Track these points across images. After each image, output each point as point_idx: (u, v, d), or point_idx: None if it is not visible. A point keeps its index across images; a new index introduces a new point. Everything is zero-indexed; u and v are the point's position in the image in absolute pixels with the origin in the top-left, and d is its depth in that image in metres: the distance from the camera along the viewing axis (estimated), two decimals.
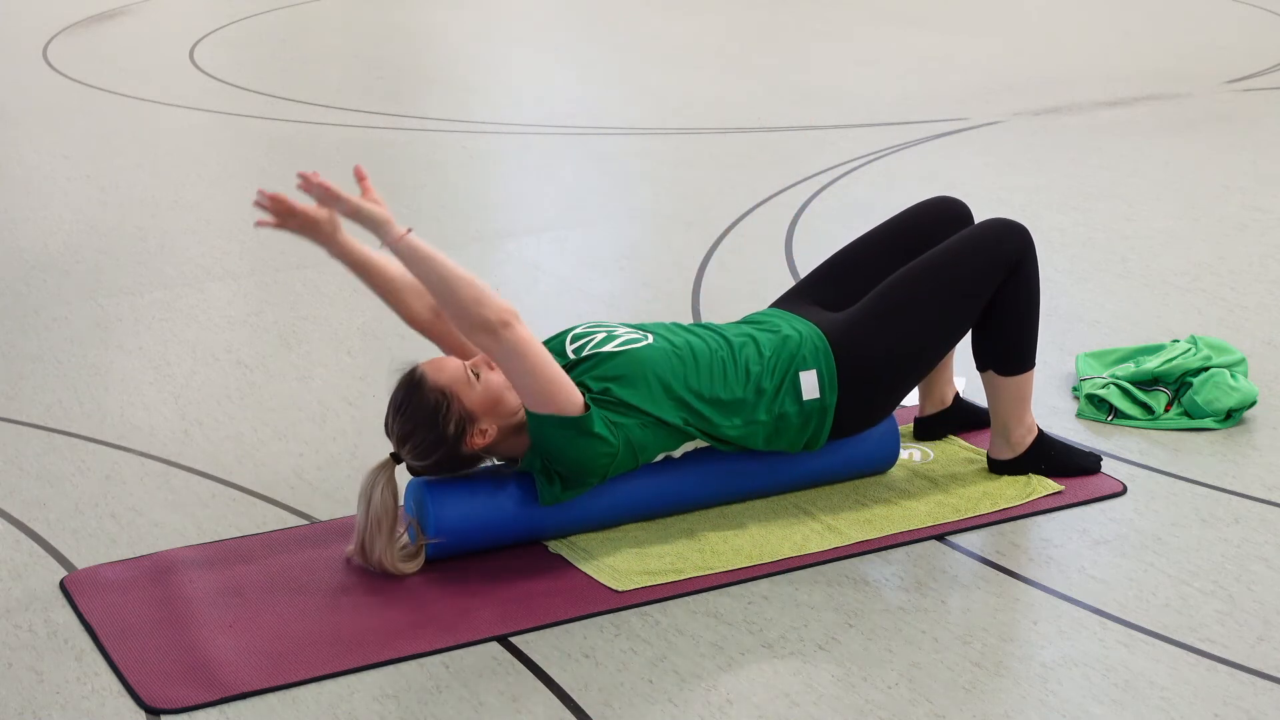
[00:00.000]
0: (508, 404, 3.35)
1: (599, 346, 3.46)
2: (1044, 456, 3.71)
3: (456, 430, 3.30)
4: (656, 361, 3.41)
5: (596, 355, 3.44)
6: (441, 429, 3.30)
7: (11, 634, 3.17)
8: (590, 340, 3.49)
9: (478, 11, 10.38)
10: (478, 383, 3.33)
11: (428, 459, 3.33)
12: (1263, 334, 4.58)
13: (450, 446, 3.31)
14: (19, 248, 5.65)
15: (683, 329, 3.54)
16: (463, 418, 3.31)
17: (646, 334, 3.49)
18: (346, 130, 7.19)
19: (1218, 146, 6.62)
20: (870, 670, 3.01)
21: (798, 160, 6.50)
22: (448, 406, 3.30)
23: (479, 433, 3.32)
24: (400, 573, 3.32)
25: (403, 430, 3.32)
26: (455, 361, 3.37)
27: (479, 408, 3.32)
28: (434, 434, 3.30)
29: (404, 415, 3.32)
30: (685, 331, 3.53)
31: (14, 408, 4.26)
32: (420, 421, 3.30)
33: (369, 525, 3.31)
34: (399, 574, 3.32)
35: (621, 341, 3.46)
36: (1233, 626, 3.13)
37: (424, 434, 3.30)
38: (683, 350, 3.45)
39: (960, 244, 3.61)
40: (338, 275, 5.26)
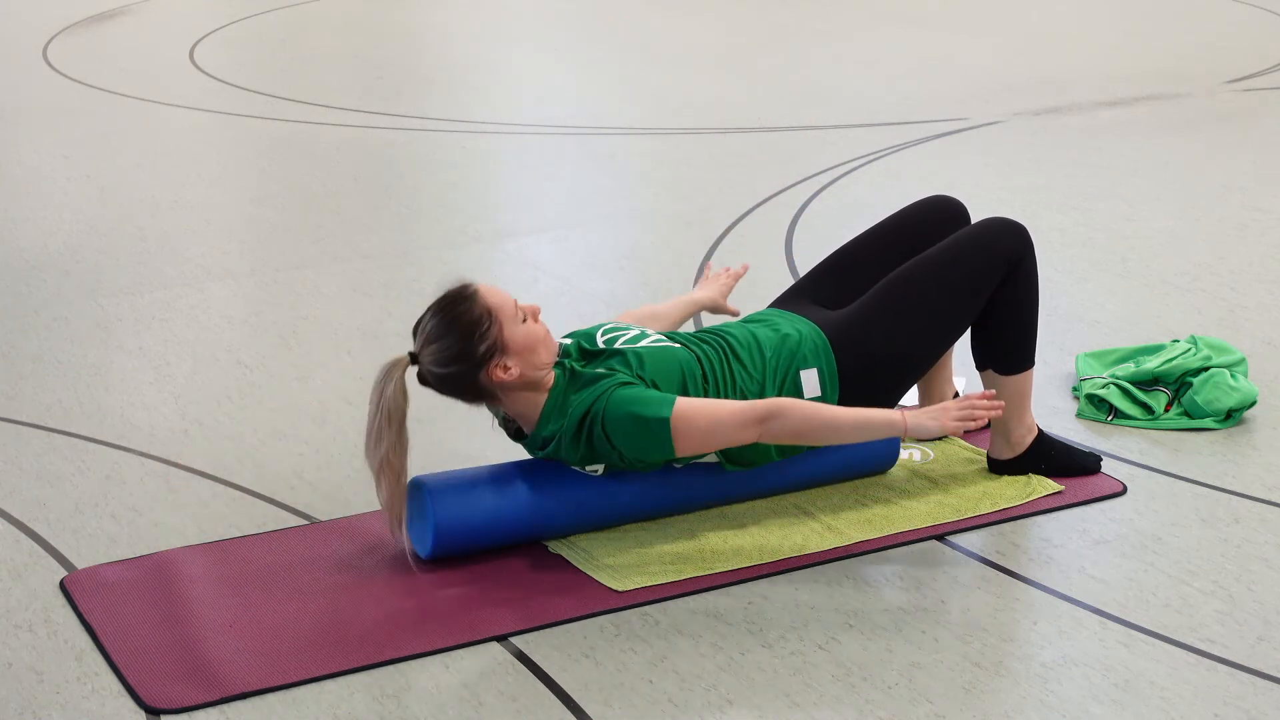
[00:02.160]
0: (539, 356, 3.34)
1: (632, 342, 3.47)
2: (1044, 456, 3.71)
3: (485, 353, 3.28)
4: (685, 364, 3.43)
5: (629, 348, 3.44)
6: (473, 345, 3.28)
7: (11, 634, 3.17)
8: (624, 334, 3.50)
9: (478, 11, 10.38)
10: (522, 323, 3.33)
11: (444, 369, 3.30)
12: (1263, 334, 4.58)
13: (472, 366, 3.29)
14: (19, 248, 5.65)
15: (695, 338, 3.55)
16: (495, 345, 3.29)
17: (674, 342, 3.50)
18: (346, 130, 7.19)
19: (1218, 146, 6.62)
20: (870, 670, 3.01)
21: (798, 160, 6.50)
22: (487, 327, 3.28)
23: (503, 367, 3.30)
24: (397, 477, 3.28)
25: (436, 331, 3.29)
26: (509, 295, 3.37)
27: (514, 344, 3.31)
28: (463, 346, 3.28)
29: (442, 318, 3.30)
30: (698, 341, 3.53)
31: (14, 408, 4.26)
32: (456, 329, 3.28)
33: (379, 417, 3.27)
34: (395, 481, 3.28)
35: (653, 340, 3.48)
36: (1233, 626, 3.13)
37: (454, 342, 3.28)
38: (703, 359, 3.46)
39: (960, 243, 3.62)
40: (338, 275, 5.27)
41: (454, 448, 3.85)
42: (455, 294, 3.33)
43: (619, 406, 3.29)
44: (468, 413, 3.49)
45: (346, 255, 5.51)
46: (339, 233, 5.75)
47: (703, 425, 3.30)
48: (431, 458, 3.76)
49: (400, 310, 4.91)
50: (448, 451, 3.84)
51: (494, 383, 3.32)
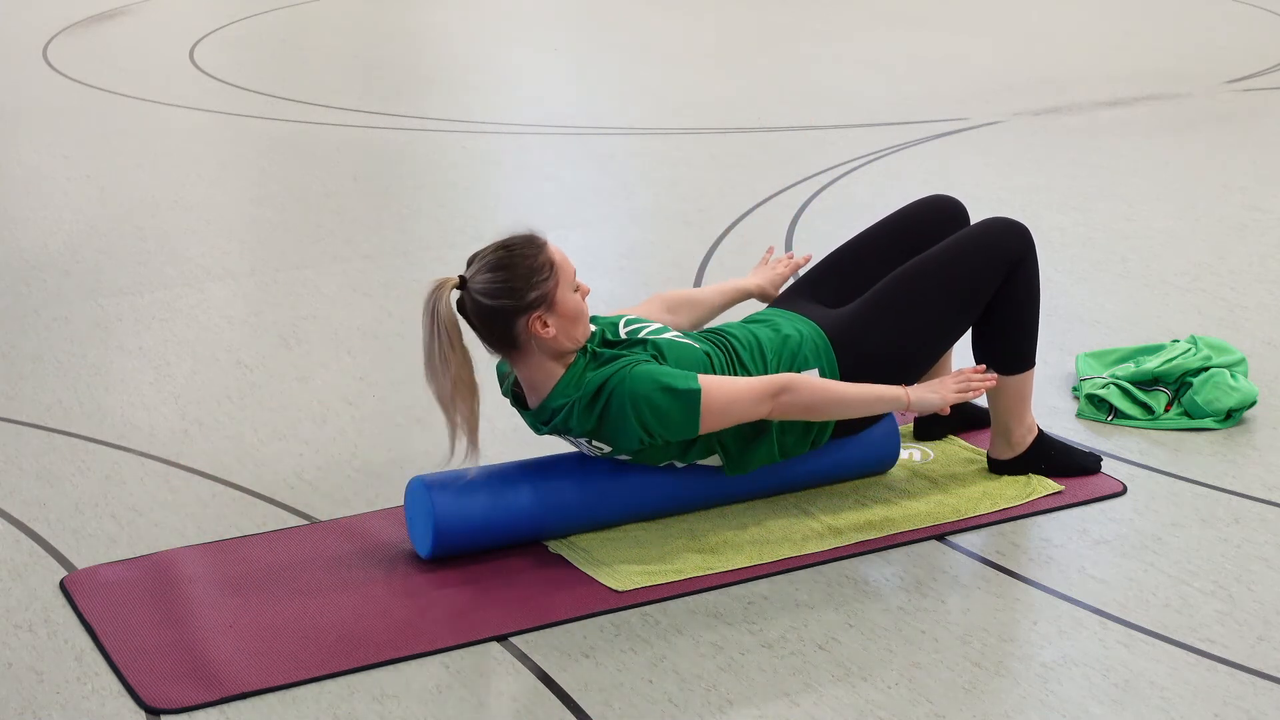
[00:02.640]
0: (577, 330, 3.36)
1: (655, 334, 3.47)
2: (1044, 456, 3.71)
3: (533, 301, 3.29)
4: (701, 363, 3.43)
5: (650, 339, 3.45)
6: (527, 287, 3.29)
7: (11, 634, 3.17)
8: (645, 327, 3.50)
9: (478, 11, 10.38)
10: (574, 292, 3.35)
11: (491, 300, 3.29)
12: (1263, 334, 4.58)
13: (517, 307, 3.29)
14: (19, 248, 5.65)
15: (701, 337, 3.55)
16: (545, 297, 3.30)
17: (693, 341, 3.51)
18: (346, 130, 7.19)
19: (1218, 146, 6.62)
20: (870, 670, 3.01)
21: (798, 160, 6.50)
22: (546, 278, 3.30)
23: (543, 322, 3.31)
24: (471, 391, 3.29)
25: (495, 262, 3.30)
26: (571, 263, 3.39)
27: (562, 307, 3.32)
28: (519, 285, 3.29)
29: (509, 252, 3.31)
30: (704, 340, 3.53)
31: (14, 408, 4.26)
32: (517, 267, 3.29)
33: (439, 336, 3.26)
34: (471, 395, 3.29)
35: (674, 335, 3.48)
36: (1233, 626, 3.13)
37: (510, 277, 3.29)
38: (714, 359, 3.47)
39: (961, 242, 3.62)
40: (338, 275, 5.27)
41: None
42: (525, 237, 3.35)
43: (645, 379, 3.30)
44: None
45: (346, 255, 5.51)
46: (339, 233, 5.75)
47: (723, 399, 3.32)
48: (431, 458, 3.76)
49: (400, 310, 4.91)
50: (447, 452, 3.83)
51: (529, 334, 3.32)
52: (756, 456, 3.49)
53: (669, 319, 3.72)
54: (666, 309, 3.75)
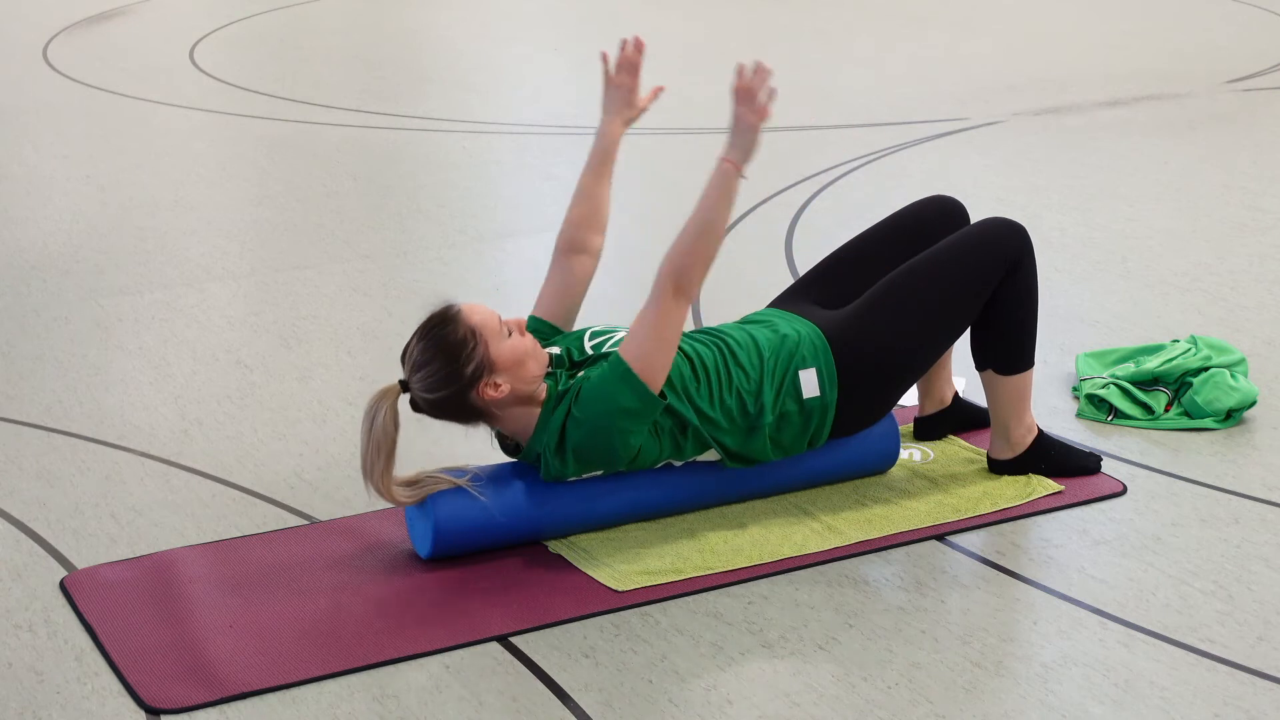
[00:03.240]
0: (528, 370, 3.34)
1: (618, 345, 3.46)
2: (1044, 456, 3.71)
3: (473, 373, 3.28)
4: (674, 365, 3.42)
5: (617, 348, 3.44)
6: (460, 366, 3.27)
7: (11, 634, 3.17)
8: (609, 339, 3.50)
9: (478, 11, 10.38)
10: (507, 338, 3.32)
11: (435, 393, 3.30)
12: (1263, 334, 4.58)
13: (461, 387, 3.29)
14: (19, 248, 5.65)
15: (687, 336, 3.55)
16: (483, 364, 3.29)
17: None
18: (346, 130, 7.19)
19: (1218, 146, 6.62)
20: (870, 670, 3.01)
21: (798, 160, 6.49)
22: (473, 347, 3.28)
23: (493, 384, 3.30)
24: (395, 500, 3.30)
25: (422, 357, 3.30)
26: (492, 311, 3.36)
27: (501, 361, 3.30)
28: (451, 369, 3.28)
29: (428, 342, 3.30)
30: (689, 339, 3.53)
31: (14, 408, 4.26)
32: (442, 352, 3.28)
33: (370, 448, 3.28)
34: (394, 501, 3.31)
35: None
36: (1233, 626, 3.13)
37: (441, 366, 3.28)
38: (693, 357, 3.46)
39: (959, 242, 3.61)
40: (338, 275, 5.27)
41: (453, 449, 3.85)
42: (438, 317, 3.32)
43: (589, 403, 3.30)
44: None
45: (346, 255, 5.51)
46: (339, 233, 5.75)
47: (649, 345, 3.28)
48: (431, 458, 3.75)
49: (400, 310, 4.91)
50: (447, 452, 3.83)
51: (486, 401, 3.32)
52: (753, 453, 3.49)
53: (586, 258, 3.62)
54: (574, 250, 3.64)
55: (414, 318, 3.52)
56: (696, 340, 3.53)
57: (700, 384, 3.43)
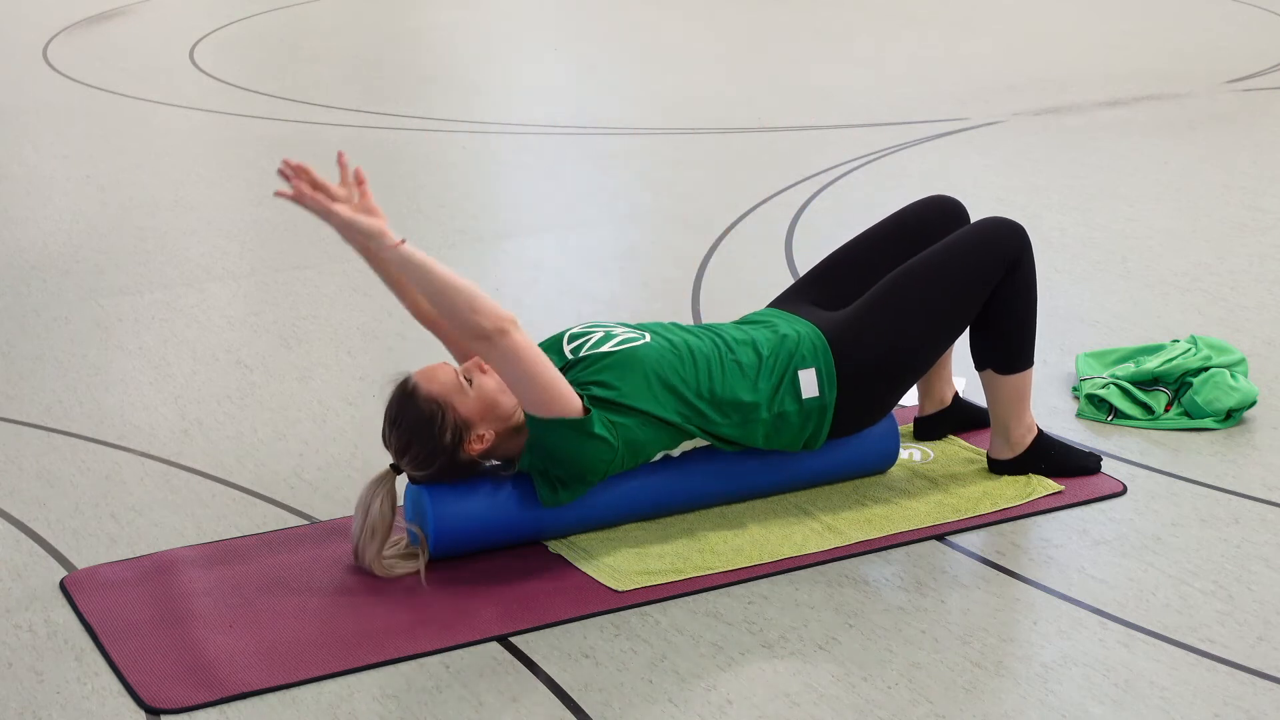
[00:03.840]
0: (504, 407, 3.35)
1: (596, 346, 3.46)
2: (1044, 456, 3.71)
3: (454, 439, 3.30)
4: (654, 359, 3.41)
5: (593, 355, 3.44)
6: (438, 439, 3.30)
7: (11, 634, 3.17)
8: (587, 340, 3.49)
9: (478, 11, 10.38)
10: (471, 389, 3.33)
11: (428, 468, 3.34)
12: (1263, 334, 4.58)
13: (449, 455, 3.32)
14: (19, 248, 5.65)
15: (681, 329, 3.54)
16: (459, 426, 3.30)
17: (644, 333, 3.49)
18: (346, 130, 7.19)
19: (1218, 146, 6.62)
20: (870, 670, 3.00)
21: (798, 160, 6.50)
22: (443, 416, 3.29)
23: (476, 439, 3.32)
24: (392, 574, 3.33)
25: (400, 443, 3.33)
26: (447, 369, 3.36)
27: (474, 414, 3.32)
28: (431, 445, 3.30)
29: (400, 428, 3.32)
30: (683, 331, 3.53)
31: (14, 408, 4.26)
32: (416, 433, 3.30)
33: (364, 533, 3.32)
34: (391, 575, 3.33)
35: (618, 341, 3.46)
36: (1233, 626, 3.13)
37: (421, 445, 3.31)
38: (680, 349, 3.45)
39: (958, 242, 3.61)
40: (338, 275, 5.27)
41: None
42: (398, 397, 3.33)
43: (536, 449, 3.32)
44: None
45: (346, 255, 5.50)
46: None
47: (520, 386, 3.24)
48: None
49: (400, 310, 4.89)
50: None
51: (474, 454, 3.34)
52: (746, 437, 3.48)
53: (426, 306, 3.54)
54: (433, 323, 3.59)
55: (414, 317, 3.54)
56: (691, 334, 3.52)
57: (686, 370, 3.41)
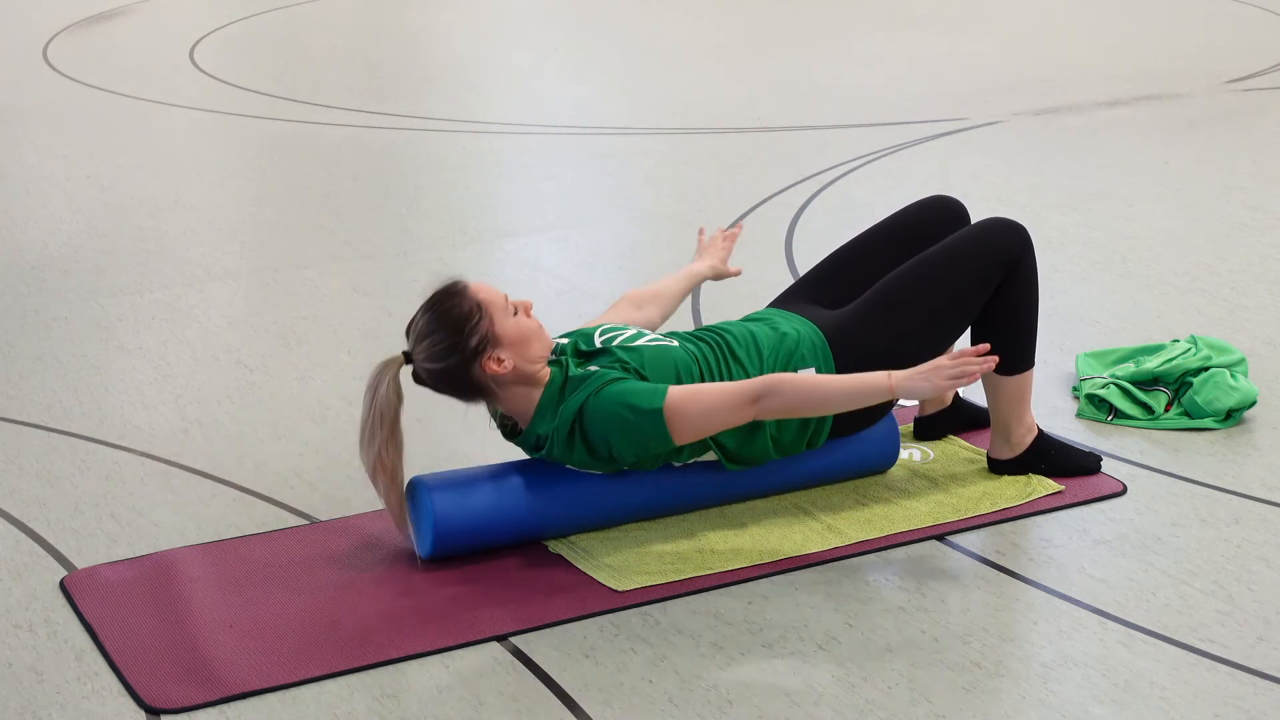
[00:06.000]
0: (533, 350, 3.35)
1: (629, 341, 3.47)
2: (1044, 456, 3.71)
3: (477, 346, 3.29)
4: (684, 361, 3.43)
5: (625, 346, 3.45)
6: (464, 338, 3.28)
7: (11, 634, 3.17)
8: (621, 334, 3.50)
9: (478, 11, 10.38)
10: (513, 316, 3.33)
11: (438, 364, 3.31)
12: (1263, 334, 4.58)
13: (464, 359, 3.29)
14: (19, 248, 5.65)
15: (692, 336, 3.55)
16: (487, 338, 3.29)
17: (671, 339, 3.51)
18: (346, 130, 7.19)
19: (1218, 146, 6.62)
20: (870, 670, 3.01)
21: (798, 160, 6.50)
22: (478, 320, 3.29)
23: (496, 359, 3.31)
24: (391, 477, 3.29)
25: (427, 327, 3.30)
26: (499, 290, 3.37)
27: (506, 337, 3.31)
28: (455, 340, 3.28)
29: (433, 313, 3.30)
30: (695, 339, 3.53)
31: (14, 408, 4.26)
32: (447, 324, 3.29)
33: (372, 417, 3.28)
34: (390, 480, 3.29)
35: (651, 339, 3.48)
36: (1233, 626, 3.13)
37: (445, 337, 3.29)
38: (699, 358, 3.46)
39: (959, 242, 3.61)
40: (338, 275, 5.27)
41: (453, 448, 3.85)
42: (445, 290, 3.34)
43: (610, 401, 3.30)
44: (466, 413, 3.49)
45: (346, 255, 5.51)
46: (339, 233, 5.75)
47: (697, 411, 3.30)
48: (431, 458, 3.76)
49: (400, 310, 4.90)
50: (446, 451, 3.84)
51: (488, 376, 3.32)
52: (754, 453, 3.49)
53: (639, 317, 3.71)
54: (635, 306, 3.74)
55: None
56: (695, 338, 3.53)
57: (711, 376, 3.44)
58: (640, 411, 3.28)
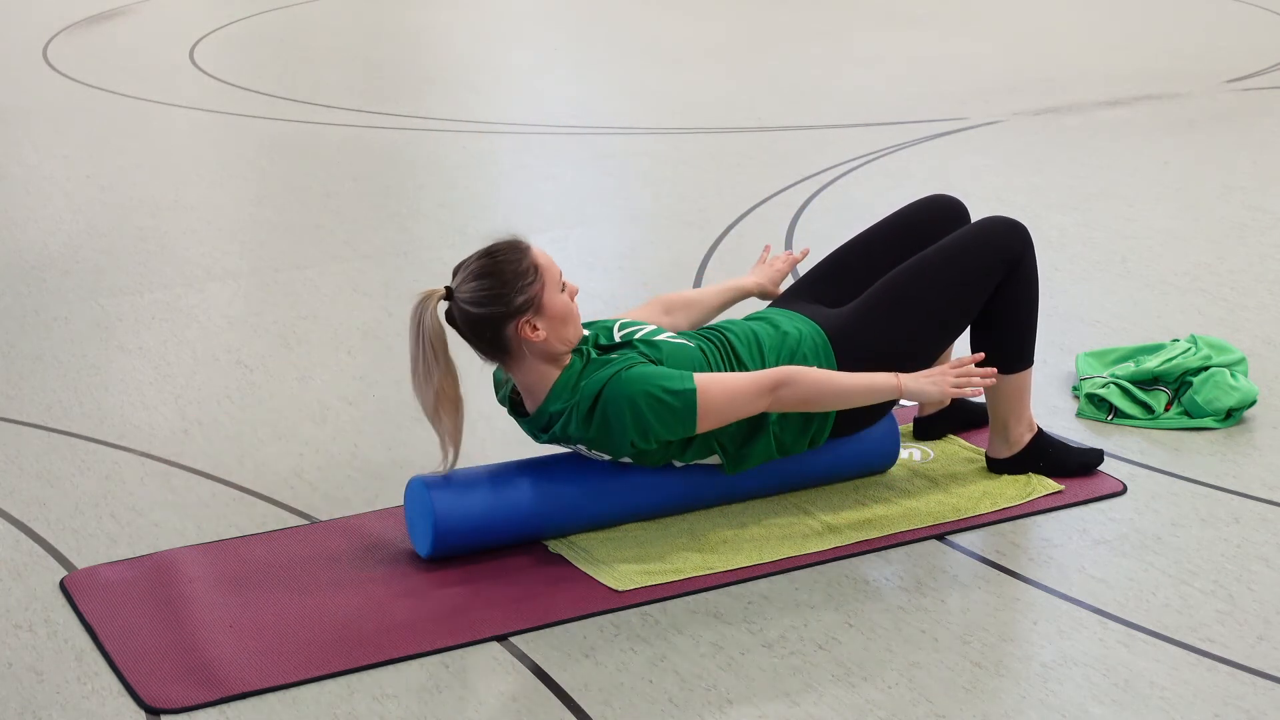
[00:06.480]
0: (568, 331, 3.36)
1: (649, 336, 3.47)
2: (1043, 455, 3.71)
3: (521, 305, 3.29)
4: (698, 361, 3.44)
5: (645, 341, 3.45)
6: (513, 292, 3.29)
7: (11, 634, 3.17)
8: (640, 330, 3.51)
9: (478, 11, 10.38)
10: (561, 293, 3.35)
11: (478, 309, 3.30)
12: (1263, 334, 4.59)
13: (506, 312, 3.29)
14: (19, 248, 5.65)
15: (697, 335, 3.55)
16: (532, 300, 3.30)
17: (689, 340, 3.51)
18: (346, 130, 7.19)
19: (1218, 146, 6.62)
20: (870, 670, 3.01)
21: (798, 160, 6.50)
22: (531, 282, 3.30)
23: (532, 325, 3.31)
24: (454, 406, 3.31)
25: (481, 269, 3.30)
26: (557, 265, 3.39)
27: (550, 309, 3.32)
28: (504, 291, 3.28)
29: (490, 260, 3.31)
30: (698, 337, 3.54)
31: (14, 408, 4.26)
32: (502, 273, 3.29)
33: (424, 348, 3.28)
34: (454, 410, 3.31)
35: (669, 336, 3.49)
36: (1233, 626, 3.13)
37: (495, 284, 3.29)
38: (709, 356, 3.47)
39: (959, 241, 3.62)
40: (338, 275, 5.27)
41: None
42: (508, 243, 3.35)
43: (640, 381, 3.30)
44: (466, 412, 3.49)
45: (346, 255, 5.51)
46: (339, 233, 5.75)
47: (720, 396, 3.33)
48: (431, 457, 3.76)
49: (400, 310, 4.90)
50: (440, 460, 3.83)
51: (519, 339, 3.32)
52: (755, 454, 3.49)
53: (667, 321, 3.72)
54: (665, 311, 3.75)
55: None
56: (698, 336, 3.53)
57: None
58: (672, 392, 3.30)
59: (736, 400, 3.34)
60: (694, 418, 3.31)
